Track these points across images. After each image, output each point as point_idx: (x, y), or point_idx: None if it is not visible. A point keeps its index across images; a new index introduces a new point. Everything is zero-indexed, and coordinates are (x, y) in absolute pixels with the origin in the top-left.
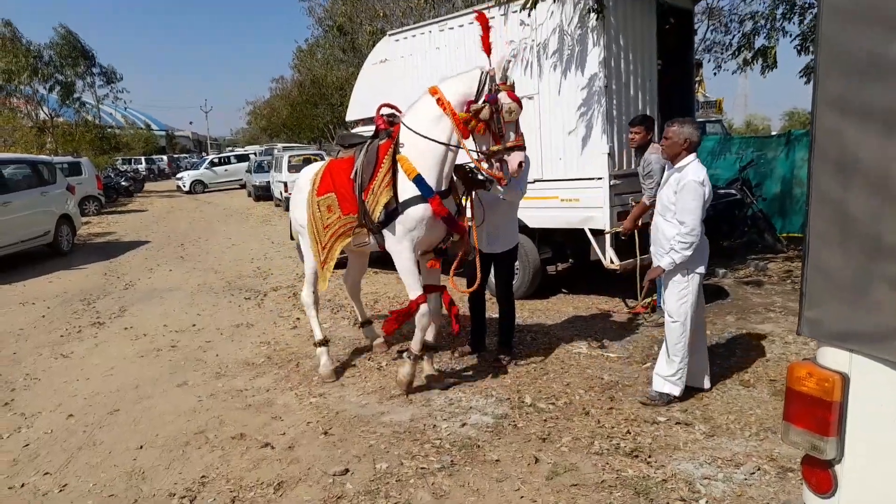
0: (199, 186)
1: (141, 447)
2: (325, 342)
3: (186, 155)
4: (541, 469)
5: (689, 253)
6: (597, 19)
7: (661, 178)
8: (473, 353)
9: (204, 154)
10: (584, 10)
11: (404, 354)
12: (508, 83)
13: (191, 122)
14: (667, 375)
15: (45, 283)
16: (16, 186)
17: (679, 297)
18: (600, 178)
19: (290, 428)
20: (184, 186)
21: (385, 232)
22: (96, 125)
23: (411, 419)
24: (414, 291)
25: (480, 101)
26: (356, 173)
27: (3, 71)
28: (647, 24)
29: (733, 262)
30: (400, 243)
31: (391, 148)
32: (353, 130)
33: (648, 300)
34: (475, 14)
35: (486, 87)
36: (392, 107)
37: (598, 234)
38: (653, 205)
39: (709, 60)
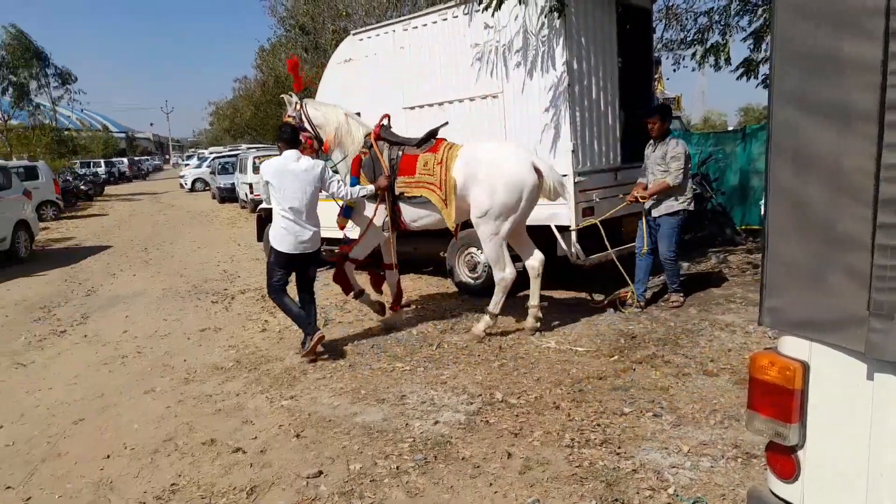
0: (199, 184)
1: (108, 456)
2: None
3: (147, 157)
4: (514, 464)
5: None
6: (558, 18)
7: (685, 161)
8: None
9: (166, 156)
10: (547, 10)
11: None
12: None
13: (151, 124)
14: None
15: (2, 291)
16: None
17: None
18: (565, 175)
19: (261, 432)
20: (185, 185)
21: None
22: (53, 128)
23: (384, 419)
24: None
25: None
26: None
27: None
28: (607, 23)
29: (694, 256)
30: None
31: None
32: None
33: (628, 289)
34: (439, 13)
35: None
36: None
37: (563, 230)
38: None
39: (667, 58)
